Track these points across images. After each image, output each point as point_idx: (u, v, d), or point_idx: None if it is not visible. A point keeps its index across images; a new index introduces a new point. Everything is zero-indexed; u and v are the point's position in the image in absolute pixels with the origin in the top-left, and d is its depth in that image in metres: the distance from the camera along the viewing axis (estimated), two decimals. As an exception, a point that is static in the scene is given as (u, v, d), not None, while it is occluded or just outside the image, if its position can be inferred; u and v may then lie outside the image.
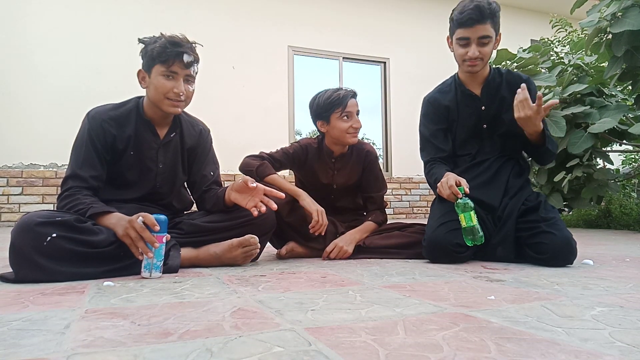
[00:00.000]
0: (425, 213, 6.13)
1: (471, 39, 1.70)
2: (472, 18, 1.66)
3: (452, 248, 1.63)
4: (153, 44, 1.50)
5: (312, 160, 2.01)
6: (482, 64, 1.75)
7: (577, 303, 0.98)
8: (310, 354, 0.64)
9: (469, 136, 1.86)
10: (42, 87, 4.65)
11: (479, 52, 1.71)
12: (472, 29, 1.68)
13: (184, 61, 1.50)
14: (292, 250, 1.85)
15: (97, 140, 1.51)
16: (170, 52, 1.48)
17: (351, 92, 1.95)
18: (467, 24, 1.67)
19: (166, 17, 5.13)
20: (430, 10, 6.58)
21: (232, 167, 5.20)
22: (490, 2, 1.68)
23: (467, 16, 1.66)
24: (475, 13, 1.65)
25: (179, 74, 1.52)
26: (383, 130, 6.23)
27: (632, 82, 2.94)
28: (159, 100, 1.53)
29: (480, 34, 1.68)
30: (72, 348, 0.68)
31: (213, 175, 1.74)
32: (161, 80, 1.51)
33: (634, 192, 4.54)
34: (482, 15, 1.66)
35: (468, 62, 1.74)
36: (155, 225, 1.31)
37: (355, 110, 1.92)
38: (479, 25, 1.67)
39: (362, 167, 2.02)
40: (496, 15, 1.70)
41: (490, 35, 1.70)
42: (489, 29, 1.69)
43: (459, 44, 1.73)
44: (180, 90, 1.52)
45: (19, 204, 4.50)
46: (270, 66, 5.63)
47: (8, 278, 1.26)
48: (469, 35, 1.69)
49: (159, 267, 1.34)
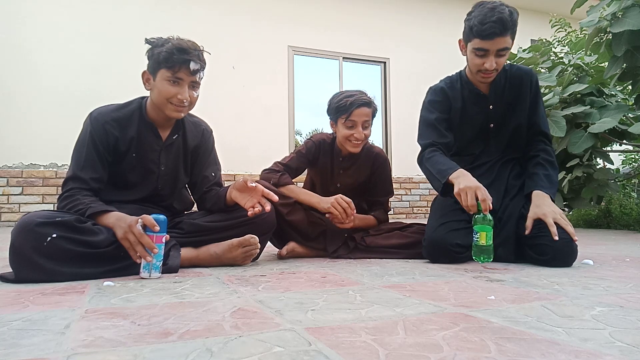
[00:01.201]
0: (425, 213, 6.14)
1: (490, 51, 1.63)
2: (495, 32, 1.58)
3: (452, 248, 1.63)
4: (160, 47, 1.49)
5: (323, 156, 2.01)
6: (496, 73, 1.71)
7: (577, 303, 0.98)
8: (310, 354, 0.64)
9: (475, 136, 1.84)
10: (42, 87, 4.65)
11: (496, 62, 1.65)
12: (492, 41, 1.60)
13: (190, 68, 1.49)
14: (292, 250, 1.85)
15: (99, 141, 1.51)
16: (177, 58, 1.47)
17: (362, 100, 1.86)
18: (488, 37, 1.59)
19: (166, 16, 5.13)
20: (431, 10, 6.58)
21: (232, 167, 5.20)
22: (511, 12, 1.60)
23: (490, 30, 1.57)
24: (498, 27, 1.57)
25: (184, 80, 1.51)
26: (383, 130, 6.22)
27: (632, 82, 2.94)
28: (162, 105, 1.53)
29: (500, 46, 1.61)
30: (72, 348, 0.68)
31: (214, 177, 1.74)
32: (166, 85, 1.50)
33: (634, 192, 4.54)
34: (504, 28, 1.58)
35: (482, 73, 1.69)
36: (154, 226, 1.31)
37: (362, 121, 1.86)
38: (500, 39, 1.59)
39: (369, 169, 2.02)
40: (516, 24, 1.62)
41: (509, 47, 1.64)
42: (508, 41, 1.62)
43: (476, 54, 1.66)
44: (185, 97, 1.51)
45: (19, 204, 4.50)
46: (270, 66, 5.63)
47: (8, 278, 1.26)
48: (488, 48, 1.62)
49: (158, 267, 1.34)
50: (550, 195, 1.65)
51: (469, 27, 1.66)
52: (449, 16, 6.57)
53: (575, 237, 1.54)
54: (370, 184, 2.03)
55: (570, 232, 1.53)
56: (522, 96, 1.79)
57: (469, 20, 1.66)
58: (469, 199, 1.52)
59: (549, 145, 1.82)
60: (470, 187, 1.53)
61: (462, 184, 1.55)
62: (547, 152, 1.79)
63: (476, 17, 1.61)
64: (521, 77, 1.78)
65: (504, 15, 1.57)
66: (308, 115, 6.10)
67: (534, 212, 1.60)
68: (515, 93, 1.79)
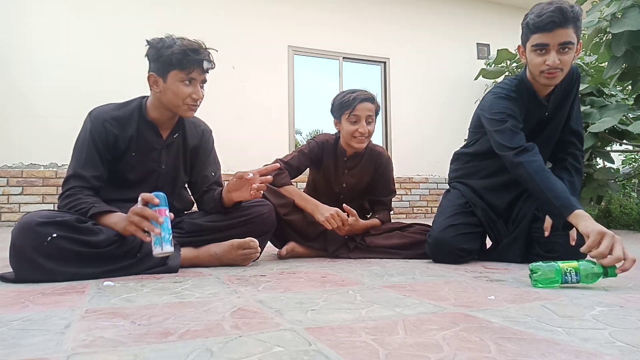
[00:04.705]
0: (425, 213, 6.14)
1: (550, 45, 1.48)
2: (554, 21, 1.44)
3: (458, 252, 1.63)
4: (168, 48, 1.48)
5: (327, 156, 2.01)
6: (562, 74, 1.53)
7: (577, 303, 0.98)
8: (310, 354, 0.64)
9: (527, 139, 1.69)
10: (42, 87, 4.65)
11: (560, 60, 1.48)
12: (552, 33, 1.46)
13: (203, 67, 1.51)
14: (292, 250, 1.85)
15: (99, 140, 1.51)
16: (192, 59, 1.48)
17: (365, 95, 1.88)
18: (546, 28, 1.45)
19: (166, 16, 5.13)
20: (431, 10, 6.58)
21: (232, 167, 5.20)
22: (572, 5, 1.47)
23: (548, 19, 1.44)
24: (556, 15, 1.43)
25: (197, 79, 1.52)
26: (383, 130, 6.22)
27: (632, 82, 2.94)
28: (177, 106, 1.53)
29: (562, 39, 1.46)
30: (72, 348, 0.68)
31: (214, 176, 1.74)
32: (180, 86, 1.50)
33: (634, 192, 4.54)
34: (564, 18, 1.44)
35: (546, 73, 1.51)
36: (153, 199, 1.30)
37: (365, 115, 1.87)
38: (560, 30, 1.44)
39: (373, 169, 2.02)
40: (579, 19, 1.48)
41: (573, 42, 1.47)
42: (572, 34, 1.46)
43: (536, 51, 1.51)
44: (199, 97, 1.54)
45: (19, 203, 4.50)
46: (270, 66, 5.63)
47: (8, 278, 1.26)
48: (548, 42, 1.47)
49: (169, 240, 1.30)
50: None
51: (526, 25, 1.54)
52: (449, 16, 6.58)
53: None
54: (373, 183, 2.03)
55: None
56: (570, 94, 1.69)
57: (525, 19, 1.55)
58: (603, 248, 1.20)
59: (580, 147, 1.73)
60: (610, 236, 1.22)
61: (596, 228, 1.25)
62: (576, 157, 1.71)
63: (533, 13, 1.51)
64: (571, 76, 1.65)
65: (563, 5, 1.45)
66: (308, 115, 6.10)
67: None
68: (566, 94, 1.68)
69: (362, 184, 2.03)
